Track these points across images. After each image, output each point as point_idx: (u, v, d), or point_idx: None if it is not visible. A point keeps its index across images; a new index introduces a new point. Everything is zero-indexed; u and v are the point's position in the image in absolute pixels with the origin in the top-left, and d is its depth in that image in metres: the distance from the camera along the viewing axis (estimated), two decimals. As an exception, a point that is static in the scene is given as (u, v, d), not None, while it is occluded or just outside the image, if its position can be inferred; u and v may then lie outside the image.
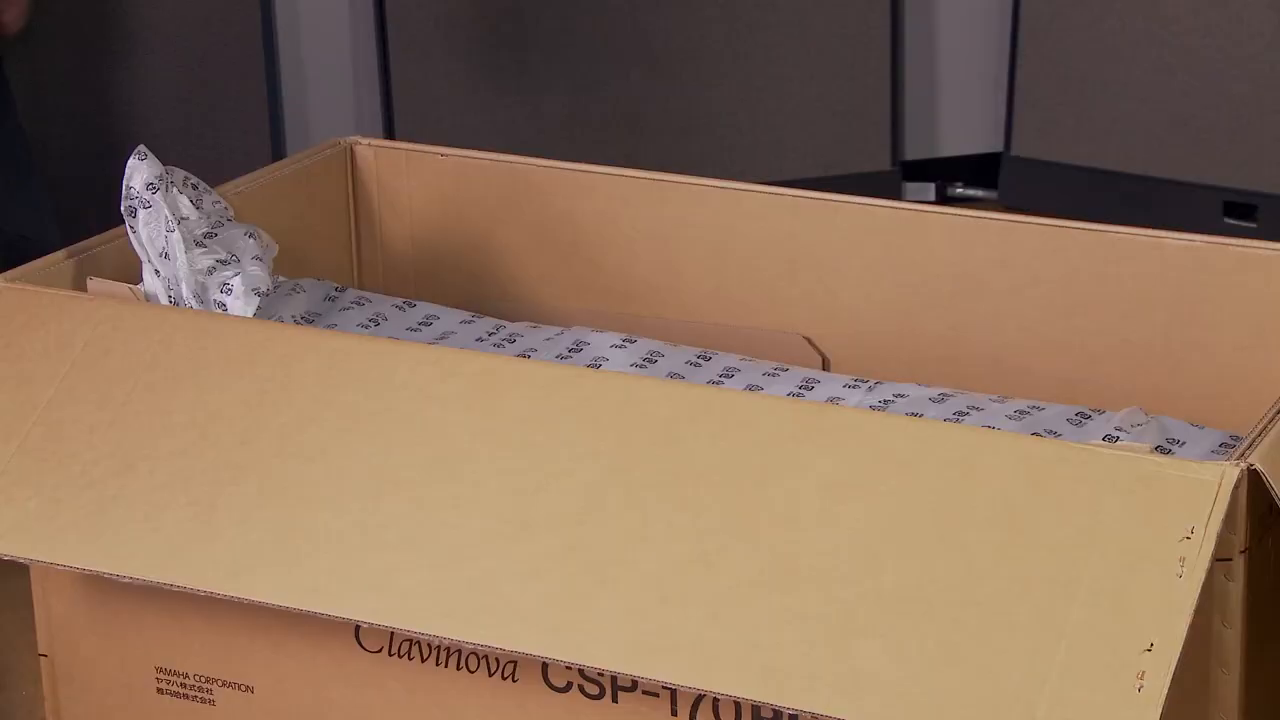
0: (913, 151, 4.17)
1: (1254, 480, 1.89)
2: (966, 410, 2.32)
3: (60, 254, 2.43)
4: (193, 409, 2.21)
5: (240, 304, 2.34)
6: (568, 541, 2.02)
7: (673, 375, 2.43)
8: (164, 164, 2.43)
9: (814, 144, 3.99)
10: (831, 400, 2.36)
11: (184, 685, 2.35)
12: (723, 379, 2.41)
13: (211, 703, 2.34)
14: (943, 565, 1.90)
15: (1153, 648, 1.80)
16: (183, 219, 2.40)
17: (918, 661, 1.86)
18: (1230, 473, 1.86)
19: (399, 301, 2.64)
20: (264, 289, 2.39)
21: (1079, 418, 2.27)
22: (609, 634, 1.96)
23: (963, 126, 4.21)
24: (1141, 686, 1.78)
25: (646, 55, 3.83)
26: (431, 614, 2.02)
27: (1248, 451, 1.90)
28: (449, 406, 2.16)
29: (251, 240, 2.45)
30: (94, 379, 2.25)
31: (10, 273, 2.41)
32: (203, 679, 2.34)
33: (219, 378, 2.24)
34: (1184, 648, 1.80)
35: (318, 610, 2.06)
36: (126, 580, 2.14)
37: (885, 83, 4.04)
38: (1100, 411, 2.31)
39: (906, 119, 4.12)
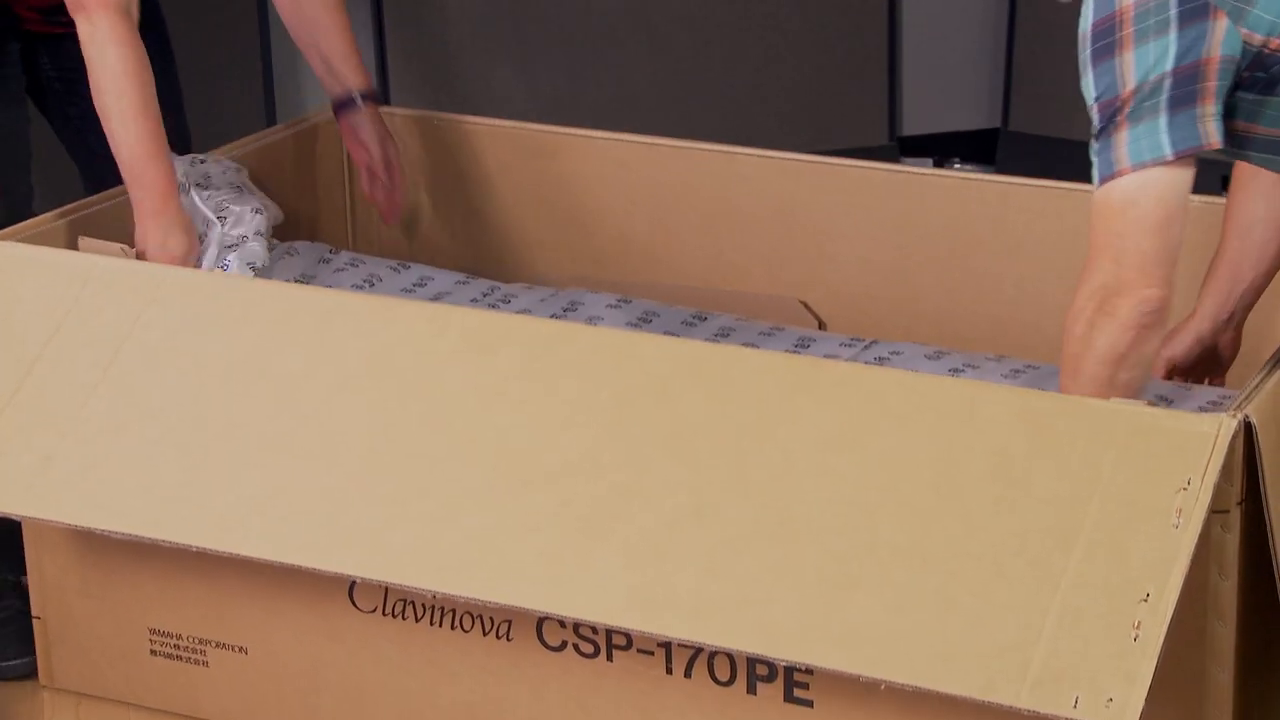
0: (910, 127, 4.15)
1: (1251, 433, 1.88)
2: (962, 368, 2.31)
3: (51, 214, 2.42)
4: (186, 366, 2.20)
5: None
6: (563, 497, 2.01)
7: (668, 334, 2.42)
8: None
9: (811, 119, 3.98)
10: (827, 358, 2.35)
11: (177, 647, 2.34)
12: (718, 338, 2.41)
13: (205, 664, 2.33)
14: (939, 517, 1.89)
15: (1148, 598, 1.79)
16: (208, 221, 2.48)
17: (914, 613, 1.85)
18: (1227, 425, 1.86)
19: (393, 263, 2.63)
20: (259, 264, 2.42)
21: None
22: (604, 588, 1.95)
23: (960, 102, 4.20)
24: (1137, 636, 1.78)
25: (644, 30, 3.81)
26: (426, 569, 2.01)
27: (1244, 404, 1.90)
28: (444, 362, 2.15)
29: (259, 216, 2.47)
30: (86, 336, 2.24)
31: (2, 231, 2.40)
32: (196, 640, 2.33)
33: (212, 335, 2.23)
34: (1180, 599, 1.79)
35: (311, 565, 2.05)
36: (119, 536, 2.13)
37: (883, 59, 4.02)
38: None
39: (904, 95, 4.10)
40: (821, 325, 2.62)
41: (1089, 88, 1.95)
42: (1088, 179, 2.50)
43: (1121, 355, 1.94)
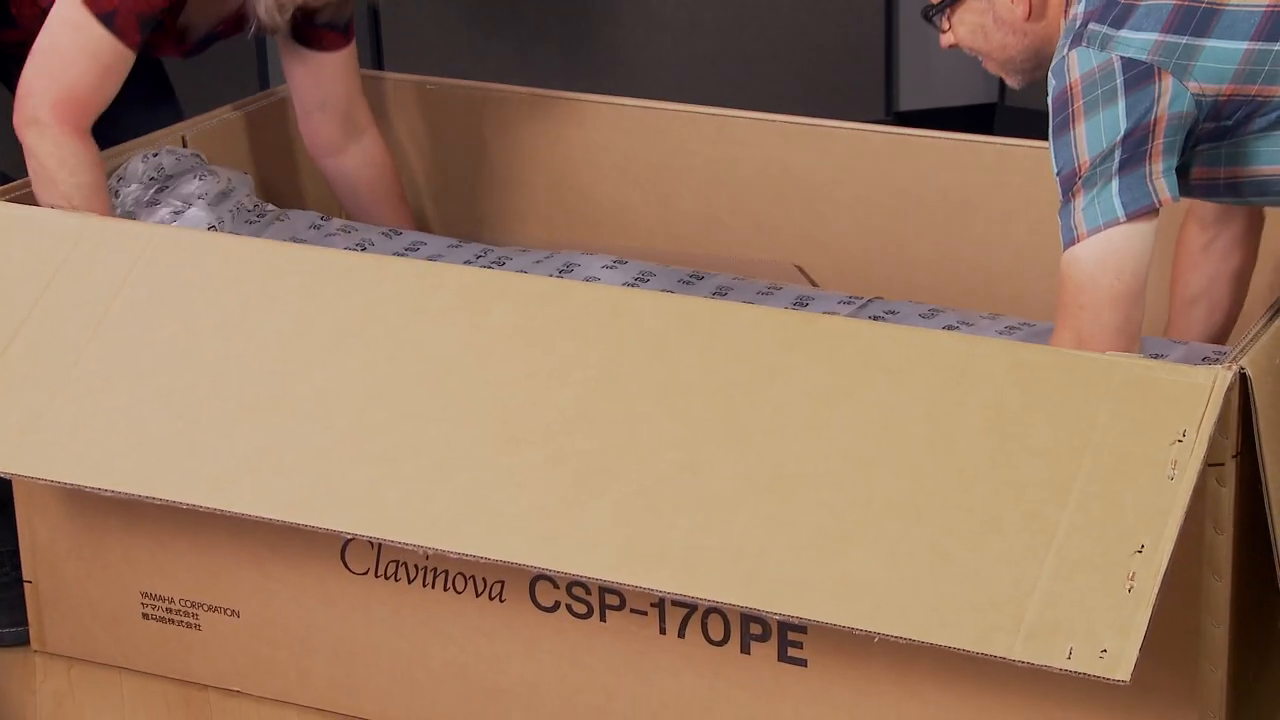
0: (907, 102, 4.14)
1: (1247, 385, 1.87)
2: (956, 325, 2.30)
3: (22, 181, 2.41)
4: (176, 324, 2.19)
5: None
6: (555, 453, 2.00)
7: (665, 294, 2.40)
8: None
9: (808, 94, 3.97)
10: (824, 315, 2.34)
11: (169, 610, 2.33)
12: (715, 297, 2.40)
13: (197, 627, 2.32)
14: (933, 470, 1.88)
15: (1143, 549, 1.78)
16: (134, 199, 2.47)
17: (908, 566, 1.84)
18: (1223, 376, 1.85)
19: (385, 229, 2.62)
20: (204, 227, 2.42)
21: None
22: (597, 544, 1.94)
23: (957, 77, 4.18)
24: (1131, 587, 1.77)
25: (639, 6, 3.80)
26: (418, 526, 2.00)
27: (1240, 356, 1.89)
28: (435, 320, 2.14)
29: (198, 181, 2.47)
30: (76, 295, 2.23)
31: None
32: (188, 603, 2.32)
33: (202, 293, 2.22)
34: (1175, 553, 1.78)
35: (303, 522, 2.04)
36: (109, 494, 2.12)
37: (880, 33, 4.01)
38: None
39: (901, 70, 4.10)
40: (816, 288, 2.60)
41: (1052, 162, 2.00)
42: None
43: None
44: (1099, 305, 1.96)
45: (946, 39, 2.17)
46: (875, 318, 2.32)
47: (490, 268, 2.50)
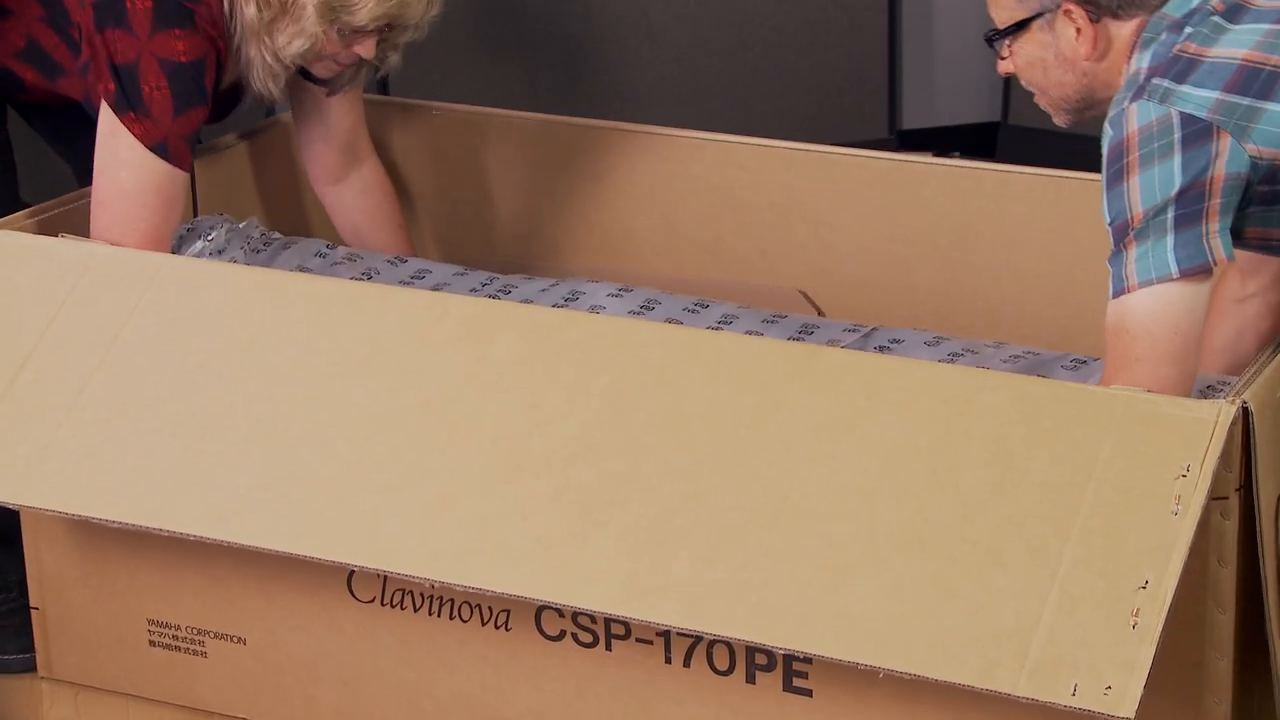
0: (910, 121, 4.15)
1: (1248, 419, 1.88)
2: (961, 353, 2.31)
3: (20, 215, 2.42)
4: (183, 354, 2.20)
5: None
6: (560, 484, 2.01)
7: (670, 322, 2.42)
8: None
9: (811, 113, 3.98)
10: (829, 344, 2.34)
11: (176, 637, 2.34)
12: (721, 325, 2.40)
13: (204, 655, 2.33)
14: (937, 504, 1.89)
15: (1147, 585, 1.79)
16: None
17: (912, 599, 1.85)
18: (1226, 411, 1.85)
19: (390, 257, 2.63)
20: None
21: (1075, 364, 2.26)
22: (602, 576, 1.95)
23: (960, 96, 4.19)
24: (1136, 623, 1.77)
25: (643, 24, 3.81)
26: (423, 557, 2.01)
27: (1243, 390, 1.89)
28: (441, 350, 2.14)
29: (203, 241, 2.49)
30: (83, 324, 2.24)
31: (1, 220, 2.41)
32: (195, 631, 2.33)
33: (209, 323, 2.22)
34: (1179, 586, 1.78)
35: (309, 554, 2.05)
36: (116, 526, 2.13)
37: (882, 52, 4.02)
38: (1097, 359, 2.30)
39: (903, 88, 4.10)
40: (821, 315, 2.61)
41: (1104, 211, 2.00)
42: (1086, 170, 2.49)
43: None
44: (1158, 359, 1.94)
45: (1005, 66, 2.15)
46: (880, 347, 2.33)
47: (495, 296, 2.51)
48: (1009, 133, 4.20)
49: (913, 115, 4.21)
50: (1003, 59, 2.16)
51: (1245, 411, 1.87)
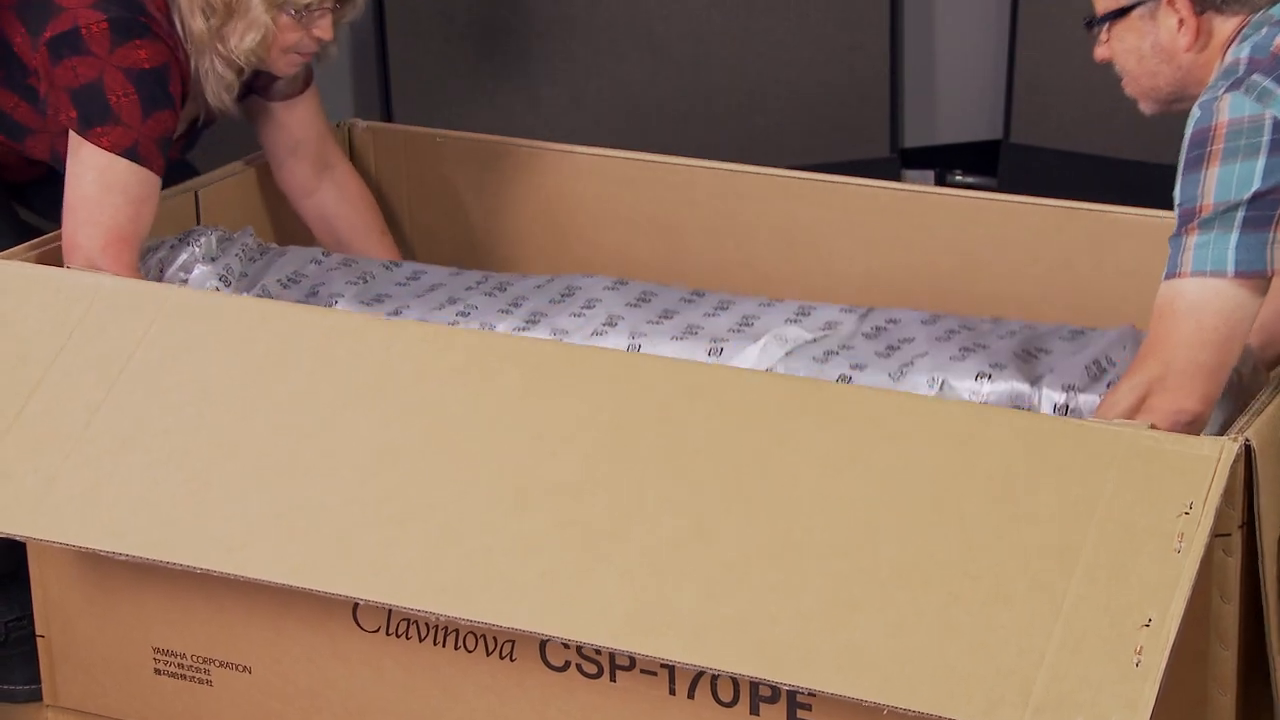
0: (912, 139, 4.15)
1: (1251, 456, 1.88)
2: (958, 329, 2.29)
3: (22, 248, 2.43)
4: (189, 386, 2.21)
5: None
6: (564, 517, 2.02)
7: (667, 312, 2.40)
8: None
9: (813, 131, 3.98)
10: (827, 324, 2.33)
11: (181, 666, 2.34)
12: (718, 311, 2.37)
13: (209, 683, 2.34)
14: (940, 540, 1.90)
15: (1150, 623, 1.79)
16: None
17: (915, 636, 1.85)
18: (1229, 448, 1.86)
19: (385, 262, 2.61)
20: (213, 279, 2.46)
21: (1072, 335, 2.24)
22: (606, 611, 1.95)
23: (962, 114, 4.20)
24: (1139, 661, 1.78)
25: (646, 44, 3.81)
26: (428, 591, 2.02)
27: (1245, 427, 1.90)
28: (445, 382, 2.15)
29: (195, 248, 2.49)
30: (90, 356, 2.25)
31: (7, 251, 2.41)
32: (200, 659, 2.33)
33: (215, 355, 2.23)
34: (1182, 622, 1.79)
35: (314, 588, 2.06)
36: (123, 558, 2.13)
37: (884, 70, 4.03)
38: (1094, 329, 2.28)
39: (906, 106, 4.11)
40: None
41: (1176, 191, 1.98)
42: (1089, 190, 2.48)
43: None
44: (1196, 345, 1.94)
45: (1101, 51, 2.15)
46: (878, 327, 2.31)
47: (492, 293, 2.50)
48: (1011, 151, 4.21)
49: (914, 133, 4.21)
50: (1101, 44, 2.14)
51: (1248, 449, 1.87)
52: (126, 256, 2.39)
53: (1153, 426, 1.93)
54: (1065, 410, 2.12)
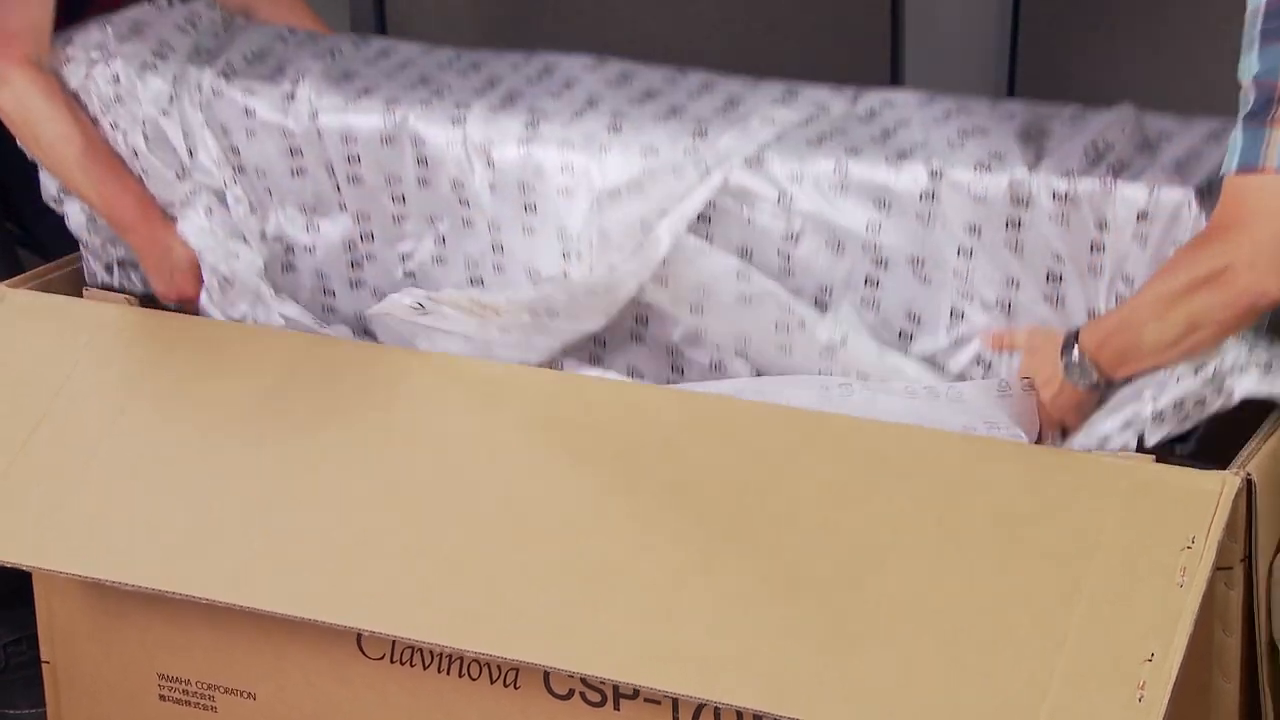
0: (913, 149, 4.17)
1: (1251, 490, 1.89)
2: (955, 111, 2.17)
3: (25, 276, 2.43)
4: (195, 415, 2.22)
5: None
6: (569, 550, 2.02)
7: (649, 91, 2.30)
8: None
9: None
10: (817, 107, 2.21)
11: (186, 692, 2.35)
12: (701, 93, 2.27)
13: (214, 709, 2.34)
14: (943, 573, 1.90)
15: (1153, 658, 1.80)
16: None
17: (919, 670, 1.86)
18: (1231, 482, 1.86)
19: (354, 37, 2.47)
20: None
21: (1073, 118, 2.13)
22: (610, 643, 1.96)
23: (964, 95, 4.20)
24: (1142, 696, 1.78)
25: (647, 58, 3.82)
26: (432, 622, 2.03)
27: (1247, 461, 1.91)
28: (450, 414, 2.16)
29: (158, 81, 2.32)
30: (96, 384, 2.25)
31: (11, 280, 2.42)
32: (205, 686, 2.34)
33: (221, 384, 2.24)
34: (1184, 656, 1.80)
35: (319, 619, 2.06)
36: (128, 588, 2.14)
37: (885, 58, 4.04)
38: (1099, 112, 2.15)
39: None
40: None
41: (1250, 65, 1.74)
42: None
43: (1220, 323, 1.83)
44: (1268, 243, 1.73)
45: None
46: (871, 110, 2.19)
47: (465, 72, 2.36)
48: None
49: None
50: None
51: (1249, 482, 1.88)
52: (16, 52, 2.25)
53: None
54: (1065, 199, 1.99)
